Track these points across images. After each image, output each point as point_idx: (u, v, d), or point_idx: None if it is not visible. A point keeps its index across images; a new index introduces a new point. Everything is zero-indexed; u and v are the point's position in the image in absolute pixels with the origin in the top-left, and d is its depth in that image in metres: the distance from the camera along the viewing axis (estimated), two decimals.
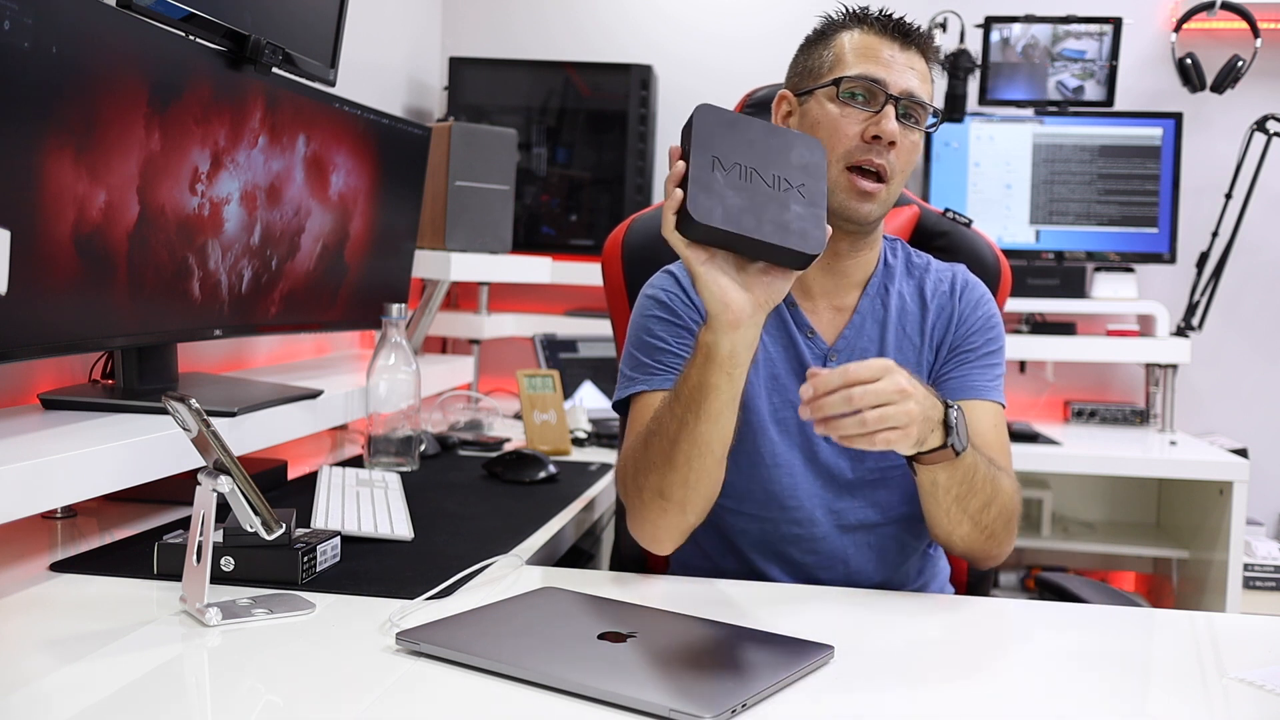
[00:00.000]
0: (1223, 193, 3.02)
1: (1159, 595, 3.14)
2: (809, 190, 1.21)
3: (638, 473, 1.33)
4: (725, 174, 1.18)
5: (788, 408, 1.45)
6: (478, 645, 1.06)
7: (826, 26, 1.46)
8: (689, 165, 1.17)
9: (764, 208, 1.18)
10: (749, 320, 1.20)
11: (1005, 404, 1.50)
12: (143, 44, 1.49)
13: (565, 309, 3.21)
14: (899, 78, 1.39)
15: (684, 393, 1.26)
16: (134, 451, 1.40)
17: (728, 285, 1.19)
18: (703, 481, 1.30)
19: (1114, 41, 3.09)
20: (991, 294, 1.56)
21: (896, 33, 1.41)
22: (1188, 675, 1.13)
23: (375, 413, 1.93)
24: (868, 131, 1.37)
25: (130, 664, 1.04)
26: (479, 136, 2.64)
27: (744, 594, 1.35)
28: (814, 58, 1.45)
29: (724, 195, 1.17)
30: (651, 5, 3.36)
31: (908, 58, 1.41)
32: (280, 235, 1.87)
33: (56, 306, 1.39)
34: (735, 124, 1.22)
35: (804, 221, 1.19)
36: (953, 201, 3.11)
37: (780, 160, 1.22)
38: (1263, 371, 3.24)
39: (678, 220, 1.18)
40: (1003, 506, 1.36)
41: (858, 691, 1.04)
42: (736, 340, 1.21)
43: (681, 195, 1.17)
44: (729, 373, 1.23)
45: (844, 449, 1.44)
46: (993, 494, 1.34)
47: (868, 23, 1.43)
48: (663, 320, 1.46)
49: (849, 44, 1.42)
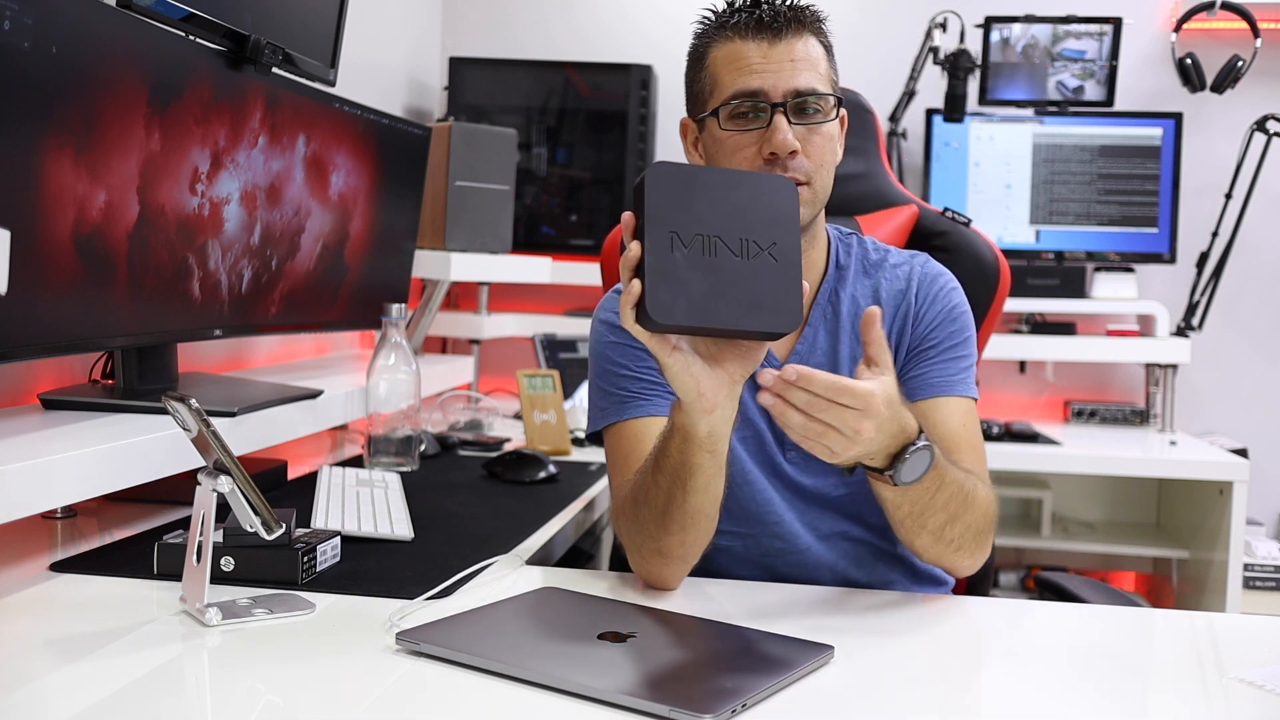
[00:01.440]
0: (1223, 193, 3.02)
1: (1159, 595, 3.14)
2: (781, 249, 1.11)
3: (632, 534, 1.30)
4: (686, 251, 1.07)
5: (749, 426, 1.42)
6: (477, 645, 1.06)
7: (698, 42, 1.39)
8: (644, 249, 1.07)
9: (731, 286, 1.08)
10: (725, 401, 1.15)
11: (977, 396, 1.44)
12: (143, 44, 1.49)
13: (565, 309, 3.21)
14: (778, 79, 1.32)
15: (666, 467, 1.21)
16: (134, 451, 1.40)
17: (700, 373, 1.13)
18: (700, 539, 1.27)
19: (1114, 41, 3.09)
20: (957, 281, 1.47)
21: (763, 28, 1.33)
22: (1188, 675, 1.13)
23: (375, 413, 1.93)
24: (764, 150, 1.32)
25: (130, 664, 1.04)
26: (479, 136, 2.64)
27: (744, 594, 1.34)
28: (697, 82, 1.39)
29: (687, 282, 1.07)
30: (651, 5, 3.36)
31: (784, 50, 1.32)
32: (280, 235, 1.87)
33: (56, 306, 1.39)
34: (693, 182, 1.10)
35: (777, 293, 1.10)
36: (953, 201, 3.11)
37: (747, 217, 1.10)
38: (1263, 371, 3.24)
39: (638, 314, 1.08)
40: (971, 522, 1.30)
41: (858, 691, 1.03)
42: (714, 421, 1.16)
43: (639, 288, 1.07)
44: (710, 451, 1.18)
45: (805, 465, 1.42)
46: (960, 510, 1.27)
47: (732, 27, 1.34)
48: (618, 345, 1.42)
49: (719, 60, 1.35)
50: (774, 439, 1.43)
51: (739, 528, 1.43)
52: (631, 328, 1.09)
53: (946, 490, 1.25)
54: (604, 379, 1.44)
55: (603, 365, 1.44)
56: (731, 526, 1.42)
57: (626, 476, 1.35)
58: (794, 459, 1.43)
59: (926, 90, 3.10)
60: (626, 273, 1.09)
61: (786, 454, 1.43)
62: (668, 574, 1.31)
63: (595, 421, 1.45)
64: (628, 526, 1.31)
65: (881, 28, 3.21)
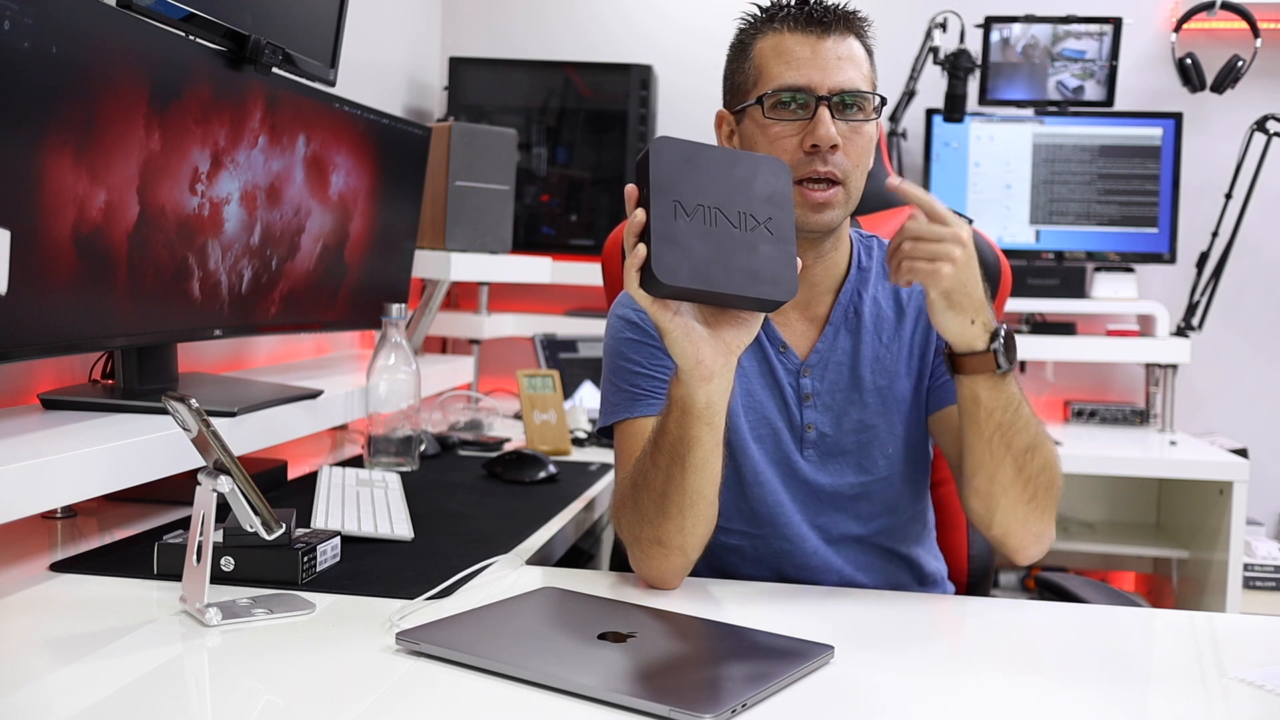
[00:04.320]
0: (1223, 193, 3.02)
1: (1159, 595, 3.14)
2: (776, 224, 1.15)
3: (632, 523, 1.30)
4: (689, 220, 1.12)
5: (764, 425, 1.42)
6: (478, 645, 1.06)
7: (744, 35, 1.41)
8: (649, 215, 1.11)
9: (731, 254, 1.12)
10: (722, 370, 1.17)
11: None
12: (143, 44, 1.49)
13: (565, 309, 3.21)
14: (825, 75, 1.33)
15: (665, 445, 1.23)
16: (134, 451, 1.40)
17: (699, 340, 1.15)
18: (699, 525, 1.27)
19: (1114, 41, 3.09)
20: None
21: (812, 23, 1.35)
22: (1188, 675, 1.13)
23: (375, 413, 1.93)
24: (805, 142, 1.33)
25: (130, 664, 1.04)
26: (479, 136, 2.64)
27: (744, 594, 1.34)
28: (739, 73, 1.40)
29: (689, 247, 1.11)
30: (651, 5, 3.36)
31: (832, 47, 1.35)
32: (280, 235, 1.87)
33: (56, 306, 1.39)
34: (694, 157, 1.14)
35: (774, 264, 1.14)
36: (953, 201, 3.10)
37: (744, 193, 1.15)
38: (1263, 371, 3.24)
39: (641, 278, 1.12)
40: (1047, 460, 1.30)
41: (858, 691, 1.04)
42: (712, 391, 1.18)
43: (645, 251, 1.10)
44: (708, 423, 1.20)
45: (821, 465, 1.43)
46: (1037, 440, 1.29)
47: (780, 20, 1.36)
48: (634, 342, 1.42)
49: (766, 51, 1.36)
50: (792, 437, 1.43)
51: (748, 528, 1.43)
52: (635, 292, 1.13)
53: (1025, 405, 1.29)
54: (617, 375, 1.44)
55: (617, 361, 1.44)
56: (741, 526, 1.43)
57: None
58: (810, 457, 1.43)
59: (926, 90, 3.11)
60: (631, 239, 1.12)
61: (804, 451, 1.43)
62: (667, 569, 1.30)
63: (606, 416, 1.45)
64: (628, 517, 1.31)
65: (881, 28, 3.18)
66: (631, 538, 1.31)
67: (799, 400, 1.43)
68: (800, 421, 1.43)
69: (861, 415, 1.43)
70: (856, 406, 1.43)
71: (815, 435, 1.43)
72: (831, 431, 1.43)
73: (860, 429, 1.43)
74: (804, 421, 1.43)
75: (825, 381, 1.43)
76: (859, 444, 1.43)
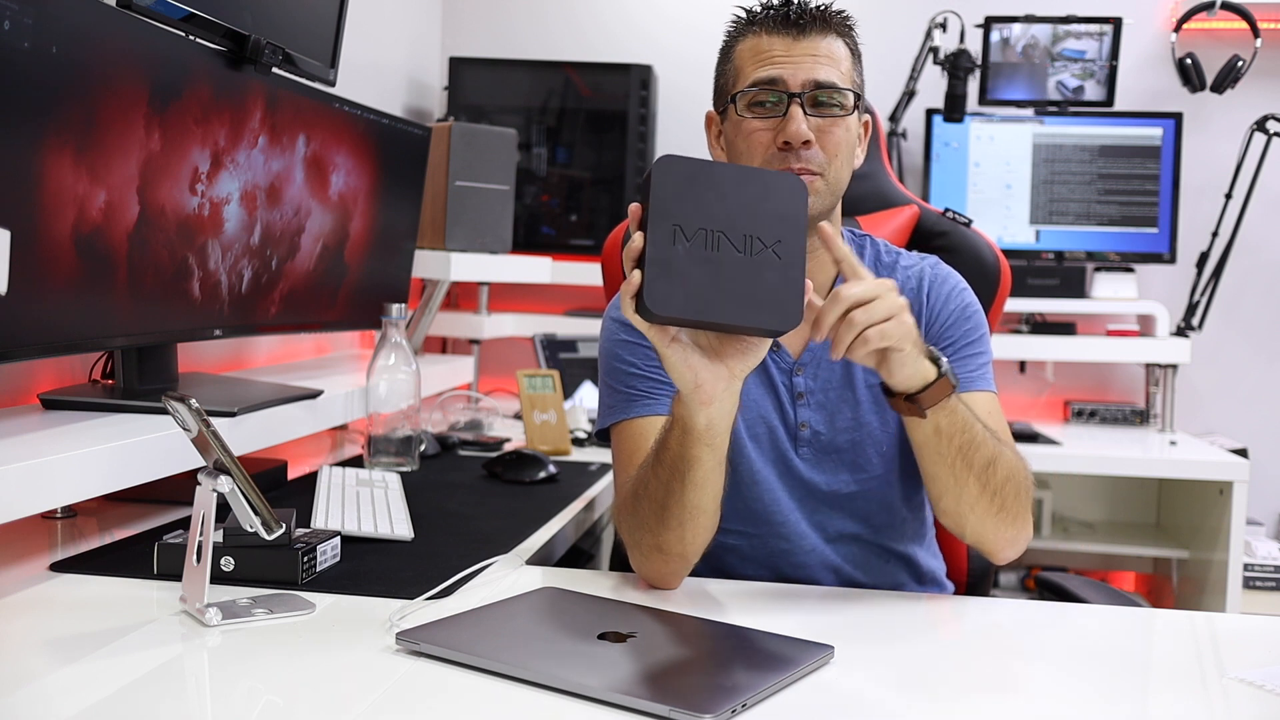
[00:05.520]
0: (1223, 193, 3.02)
1: (1159, 595, 3.14)
2: (785, 247, 1.10)
3: (633, 528, 1.30)
4: (688, 245, 1.07)
5: (760, 423, 1.43)
6: (478, 645, 1.06)
7: (728, 37, 1.43)
8: (646, 240, 1.07)
9: (731, 282, 1.08)
10: (724, 394, 1.15)
11: (996, 390, 1.45)
12: (143, 44, 1.49)
13: (565, 309, 3.21)
14: (797, 71, 1.34)
15: (666, 459, 1.22)
16: (134, 451, 1.40)
17: (698, 364, 1.13)
18: (699, 535, 1.27)
19: (1114, 41, 3.09)
20: (967, 283, 1.49)
21: (789, 24, 1.36)
22: (1188, 675, 1.13)
23: (375, 413, 1.93)
24: (778, 138, 1.33)
25: (130, 664, 1.04)
26: (479, 136, 2.64)
27: (744, 594, 1.34)
28: (722, 75, 1.42)
29: (686, 274, 1.07)
30: (651, 5, 3.36)
31: (808, 45, 1.35)
32: (280, 235, 1.87)
33: (56, 306, 1.39)
34: (701, 176, 1.09)
35: (777, 291, 1.09)
36: (953, 201, 3.11)
37: (753, 213, 1.10)
38: (1263, 371, 3.24)
39: (636, 304, 1.09)
40: (1010, 470, 1.30)
41: (858, 691, 1.03)
42: (713, 414, 1.16)
43: (639, 279, 1.07)
44: (709, 444, 1.19)
45: (817, 463, 1.43)
46: (994, 454, 1.29)
47: (760, 22, 1.38)
48: (629, 344, 1.43)
49: (745, 52, 1.38)
50: (787, 435, 1.43)
51: (746, 527, 1.43)
52: (631, 317, 1.11)
53: (976, 423, 1.27)
54: (613, 377, 1.44)
55: (612, 363, 1.44)
56: (738, 526, 1.43)
57: (631, 474, 1.35)
58: (805, 455, 1.43)
59: (926, 90, 3.10)
60: (629, 263, 1.10)
61: (799, 450, 1.43)
62: (667, 572, 1.31)
63: (603, 419, 1.45)
64: (628, 522, 1.31)
65: (881, 28, 3.21)
66: (632, 541, 1.32)
67: (793, 398, 1.43)
68: (795, 420, 1.43)
69: (855, 413, 1.43)
70: (850, 405, 1.43)
71: (810, 434, 1.43)
72: (825, 430, 1.43)
73: (854, 427, 1.43)
74: (798, 420, 1.43)
75: (819, 380, 1.44)
76: (853, 442, 1.43)
